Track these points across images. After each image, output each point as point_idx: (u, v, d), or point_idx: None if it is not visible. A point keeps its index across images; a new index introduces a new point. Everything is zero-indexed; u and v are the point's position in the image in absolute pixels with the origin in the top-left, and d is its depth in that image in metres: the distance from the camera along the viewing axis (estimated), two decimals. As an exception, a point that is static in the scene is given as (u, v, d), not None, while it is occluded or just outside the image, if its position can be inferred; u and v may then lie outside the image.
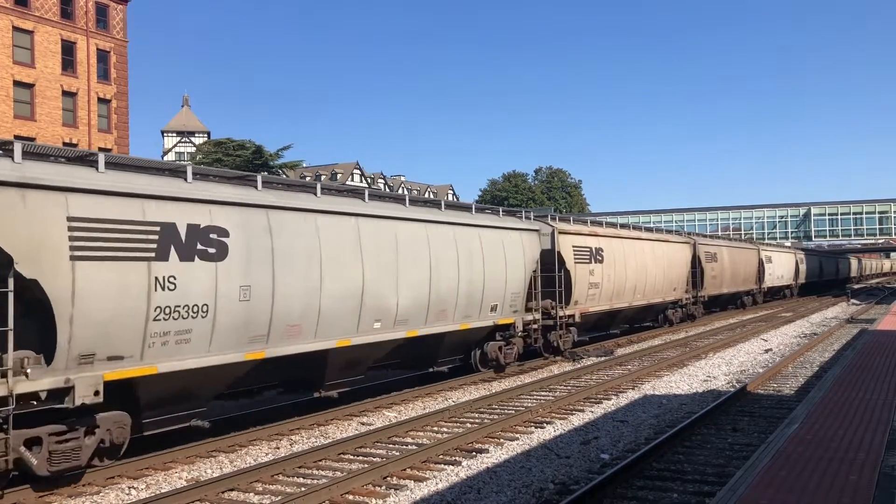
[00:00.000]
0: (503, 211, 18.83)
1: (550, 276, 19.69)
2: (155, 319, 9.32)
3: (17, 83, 43.25)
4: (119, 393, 9.24)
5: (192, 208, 9.99)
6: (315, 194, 12.53)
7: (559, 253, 20.05)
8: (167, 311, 9.45)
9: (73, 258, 8.52)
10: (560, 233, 20.31)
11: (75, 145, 45.18)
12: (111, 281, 8.87)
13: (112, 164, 9.56)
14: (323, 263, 11.92)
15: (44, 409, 8.58)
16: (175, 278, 9.54)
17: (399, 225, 13.94)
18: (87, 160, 9.42)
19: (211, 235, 10.13)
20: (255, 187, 11.41)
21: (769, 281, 45.84)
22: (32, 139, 42.67)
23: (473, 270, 15.97)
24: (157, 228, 9.42)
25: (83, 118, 46.88)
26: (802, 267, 56.23)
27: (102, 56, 48.47)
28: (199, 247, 9.95)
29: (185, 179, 10.26)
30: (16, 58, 43.23)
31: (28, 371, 8.27)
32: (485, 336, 17.31)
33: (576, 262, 20.85)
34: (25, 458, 8.43)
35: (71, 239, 8.53)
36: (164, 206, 9.60)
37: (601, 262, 22.38)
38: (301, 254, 11.54)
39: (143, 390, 9.67)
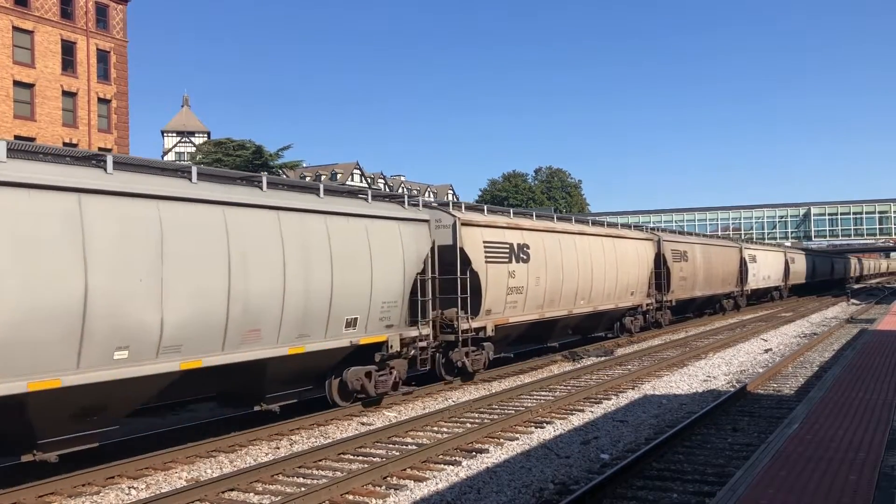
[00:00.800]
0: (375, 195, 14.38)
1: (451, 278, 15.78)
2: None
3: (17, 83, 43.26)
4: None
5: None
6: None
7: (462, 249, 15.96)
8: None
9: None
10: (463, 224, 16.16)
11: (75, 145, 45.19)
12: None
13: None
14: None
15: None
16: None
17: (177, 207, 9.97)
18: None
19: None
20: None
21: (753, 282, 42.09)
22: (32, 139, 42.68)
23: (313, 273, 11.94)
24: None
25: (83, 118, 46.88)
26: (793, 267, 53.04)
27: (102, 56, 48.48)
28: None
29: None
30: (16, 58, 43.24)
31: None
32: (343, 360, 13.24)
33: (487, 262, 16.73)
34: None
35: None
36: None
37: (526, 261, 18.33)
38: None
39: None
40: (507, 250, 17.69)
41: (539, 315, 19.19)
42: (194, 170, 10.66)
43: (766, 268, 47.50)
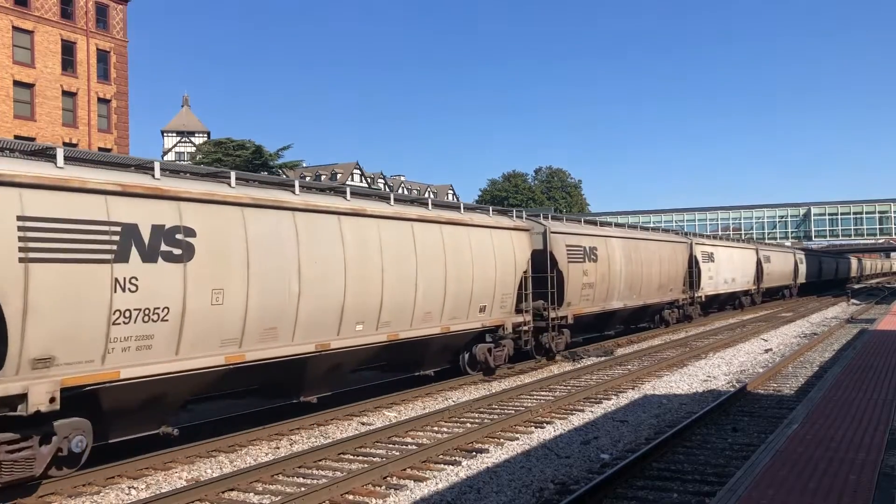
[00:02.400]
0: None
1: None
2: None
3: (17, 83, 43.25)
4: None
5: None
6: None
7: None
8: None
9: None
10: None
11: (75, 145, 45.21)
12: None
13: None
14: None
15: None
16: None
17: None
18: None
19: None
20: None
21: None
22: (32, 139, 42.69)
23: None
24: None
25: (83, 118, 46.88)
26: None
27: (102, 56, 48.47)
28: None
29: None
30: (16, 58, 43.23)
31: None
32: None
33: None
34: None
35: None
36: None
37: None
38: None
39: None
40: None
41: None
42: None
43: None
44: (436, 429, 12.47)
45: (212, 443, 11.26)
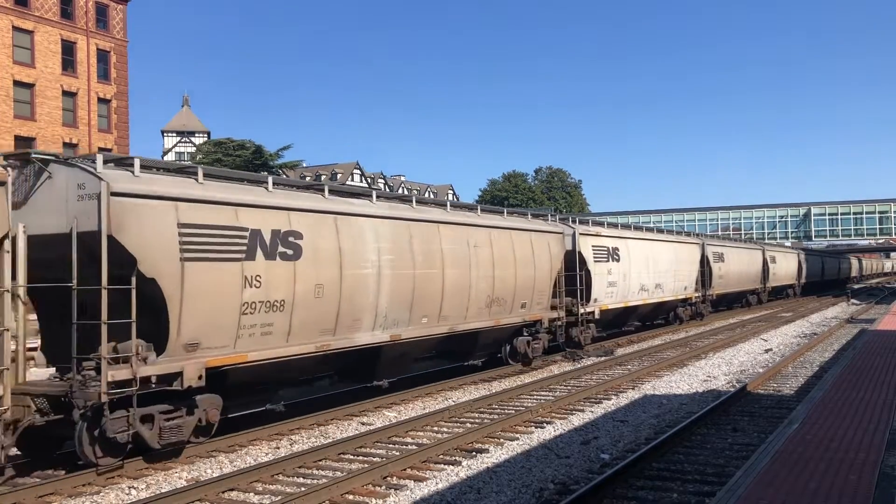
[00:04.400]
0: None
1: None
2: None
3: (17, 83, 43.26)
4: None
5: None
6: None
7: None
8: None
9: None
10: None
11: (75, 145, 45.24)
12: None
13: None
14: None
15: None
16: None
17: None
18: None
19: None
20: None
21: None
22: (32, 139, 42.74)
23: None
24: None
25: (83, 118, 46.89)
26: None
27: (102, 56, 48.49)
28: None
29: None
30: (16, 58, 43.24)
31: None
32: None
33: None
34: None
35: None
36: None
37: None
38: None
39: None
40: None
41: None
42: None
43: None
44: (436, 429, 12.47)
45: (212, 443, 11.26)
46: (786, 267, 50.63)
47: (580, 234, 21.75)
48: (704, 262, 33.04)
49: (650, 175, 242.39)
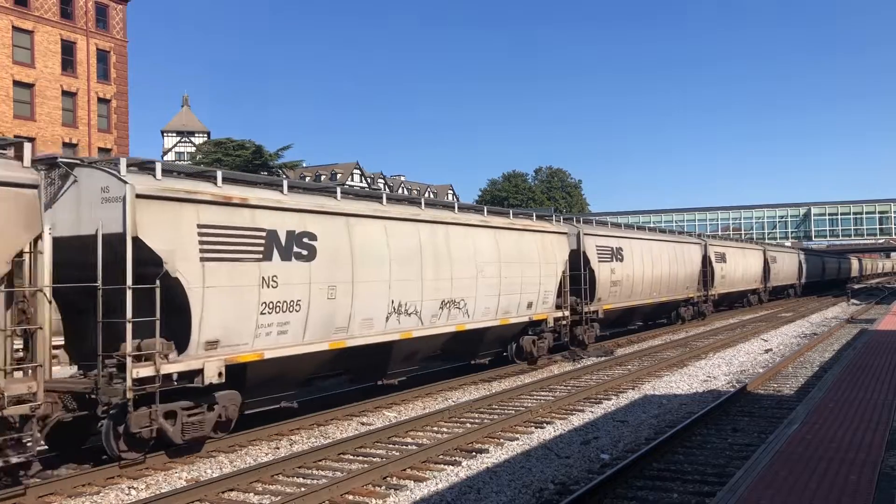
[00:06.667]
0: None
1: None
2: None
3: (16, 83, 43.25)
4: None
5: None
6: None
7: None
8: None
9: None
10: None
11: (75, 145, 45.24)
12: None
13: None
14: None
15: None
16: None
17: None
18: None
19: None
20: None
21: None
22: (32, 139, 42.69)
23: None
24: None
25: (83, 118, 46.87)
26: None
27: (102, 56, 48.46)
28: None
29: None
30: (16, 58, 43.23)
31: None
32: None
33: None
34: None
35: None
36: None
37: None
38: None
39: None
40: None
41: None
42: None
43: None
44: (436, 429, 12.47)
45: (212, 443, 11.25)
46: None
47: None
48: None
49: (650, 175, 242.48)
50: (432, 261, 14.70)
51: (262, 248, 10.98)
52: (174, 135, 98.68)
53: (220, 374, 10.27)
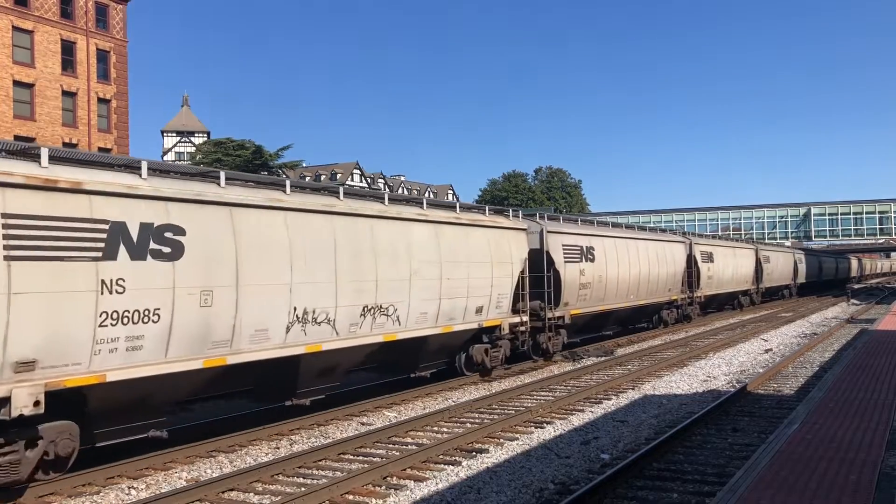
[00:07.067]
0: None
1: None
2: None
3: (16, 83, 43.21)
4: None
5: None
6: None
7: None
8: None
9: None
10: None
11: (75, 145, 45.20)
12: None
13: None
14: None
15: None
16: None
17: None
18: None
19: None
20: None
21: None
22: (32, 139, 42.69)
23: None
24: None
25: (83, 118, 46.85)
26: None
27: (102, 56, 48.42)
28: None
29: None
30: (15, 58, 43.19)
31: None
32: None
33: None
34: None
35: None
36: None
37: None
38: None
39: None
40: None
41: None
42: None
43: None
44: (436, 429, 12.47)
45: (212, 443, 11.26)
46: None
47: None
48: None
49: (650, 175, 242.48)
50: (351, 260, 12.48)
51: (102, 245, 8.79)
52: (174, 135, 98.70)
53: (36, 403, 8.09)
